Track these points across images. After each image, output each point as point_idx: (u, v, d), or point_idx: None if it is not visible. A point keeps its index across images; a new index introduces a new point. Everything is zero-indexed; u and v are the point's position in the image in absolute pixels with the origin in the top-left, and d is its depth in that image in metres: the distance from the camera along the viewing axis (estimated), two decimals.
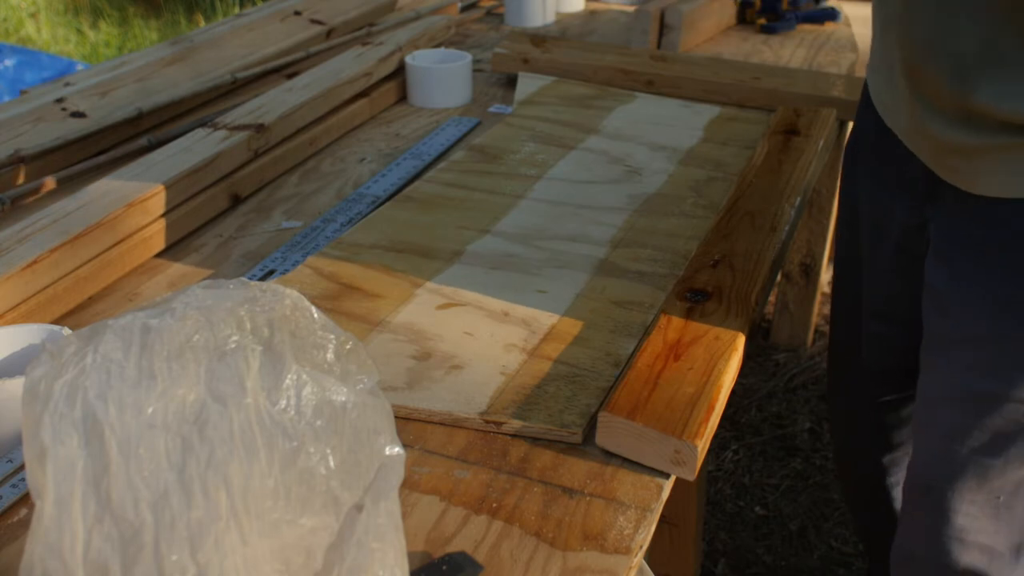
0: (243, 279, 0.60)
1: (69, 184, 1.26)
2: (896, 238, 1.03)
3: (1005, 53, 0.79)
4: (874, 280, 1.12)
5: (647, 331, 0.91)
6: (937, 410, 0.95)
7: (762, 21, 2.04)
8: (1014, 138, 0.81)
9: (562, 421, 0.80)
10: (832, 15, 2.09)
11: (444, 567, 0.66)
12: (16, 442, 0.78)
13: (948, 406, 0.94)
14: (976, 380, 0.90)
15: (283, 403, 0.54)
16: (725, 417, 2.07)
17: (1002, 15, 0.78)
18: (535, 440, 0.80)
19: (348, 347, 0.59)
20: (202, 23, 4.74)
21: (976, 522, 0.94)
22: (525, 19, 2.09)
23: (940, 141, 0.88)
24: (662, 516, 0.77)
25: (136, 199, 1.09)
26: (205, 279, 1.06)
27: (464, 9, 2.20)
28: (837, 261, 1.23)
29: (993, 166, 0.84)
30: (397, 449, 0.58)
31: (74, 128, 1.35)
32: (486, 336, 0.92)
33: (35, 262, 0.96)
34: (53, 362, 0.52)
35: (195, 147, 1.23)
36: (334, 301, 0.97)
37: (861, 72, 1.91)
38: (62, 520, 0.49)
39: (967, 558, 0.96)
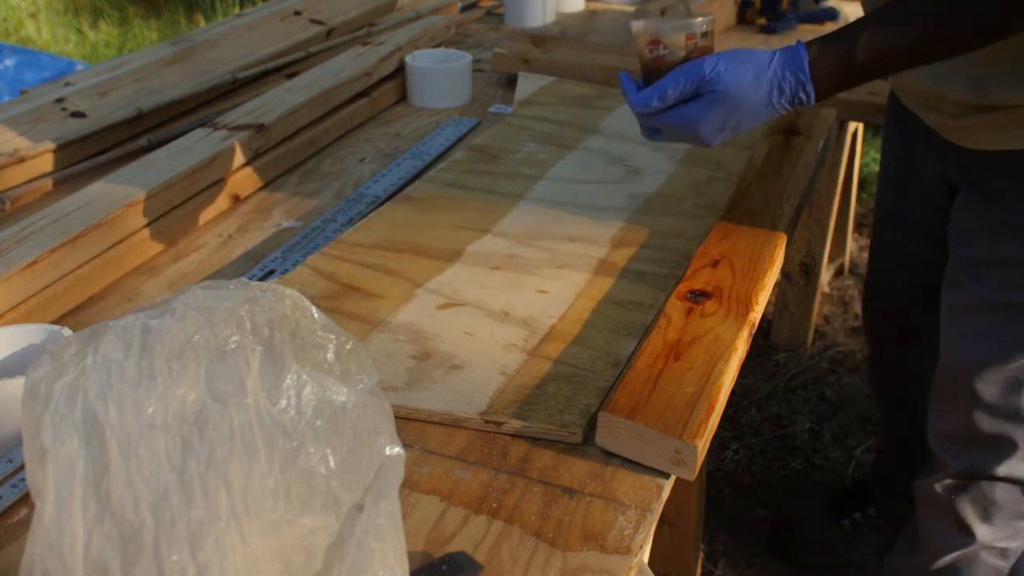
0: (243, 279, 0.60)
1: (69, 184, 1.26)
2: (927, 178, 1.24)
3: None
4: (912, 208, 1.33)
5: (647, 331, 0.91)
6: (962, 317, 1.16)
7: (762, 21, 2.04)
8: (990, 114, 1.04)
9: (562, 421, 0.80)
10: (832, 15, 2.09)
11: (444, 567, 0.66)
12: (16, 442, 0.78)
13: (974, 313, 1.13)
14: (1000, 293, 1.10)
15: (283, 403, 0.54)
16: (725, 417, 2.07)
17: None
18: (535, 440, 0.80)
19: (348, 347, 0.59)
20: (202, 23, 4.74)
21: (998, 396, 1.13)
22: (525, 19, 2.09)
23: (946, 122, 1.11)
24: (662, 516, 0.77)
25: (136, 199, 1.09)
26: (205, 279, 1.06)
27: (464, 9, 2.20)
28: (880, 195, 1.43)
29: (983, 134, 1.07)
30: (397, 449, 0.58)
31: (74, 128, 1.35)
32: (486, 336, 0.92)
33: (35, 262, 0.96)
34: (54, 363, 0.52)
35: (195, 147, 1.23)
36: (334, 301, 0.97)
37: None
38: (62, 520, 0.49)
39: (991, 426, 1.15)
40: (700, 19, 0.94)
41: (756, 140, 1.37)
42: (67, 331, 0.83)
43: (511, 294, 0.99)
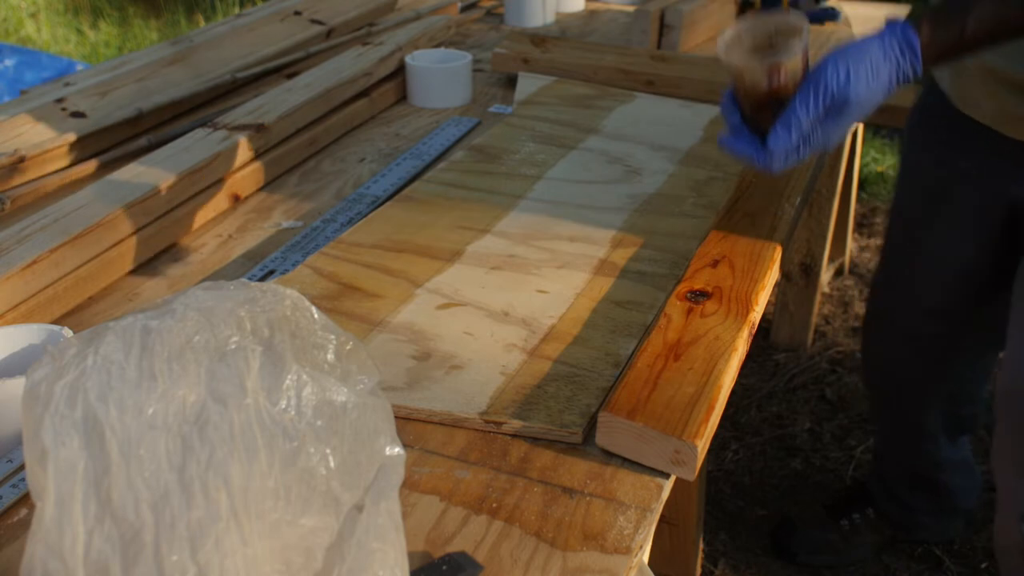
0: (243, 280, 0.60)
1: (69, 184, 1.26)
2: (965, 213, 1.25)
3: None
4: (937, 235, 1.31)
5: (647, 331, 0.91)
6: None
7: None
8: None
9: (562, 421, 0.80)
10: (832, 15, 2.09)
11: (444, 567, 0.66)
12: (16, 442, 0.78)
13: None
14: None
15: (283, 403, 0.54)
16: (725, 417, 2.07)
17: None
18: (535, 440, 0.80)
19: (348, 347, 0.59)
20: (202, 23, 4.74)
21: None
22: (525, 19, 2.09)
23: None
24: (662, 516, 0.77)
25: (136, 199, 1.09)
26: (205, 279, 1.06)
27: (464, 9, 2.20)
28: (895, 213, 1.43)
29: None
30: (397, 449, 0.58)
31: (74, 128, 1.35)
32: (486, 336, 0.92)
33: (35, 262, 0.96)
34: (54, 364, 0.52)
35: (195, 147, 1.23)
36: (334, 301, 0.97)
37: None
38: (63, 521, 0.49)
39: None
40: (802, 24, 0.84)
41: None
42: (67, 331, 0.83)
43: (511, 294, 0.99)
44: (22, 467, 0.76)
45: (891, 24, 0.87)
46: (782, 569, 1.73)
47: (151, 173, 1.15)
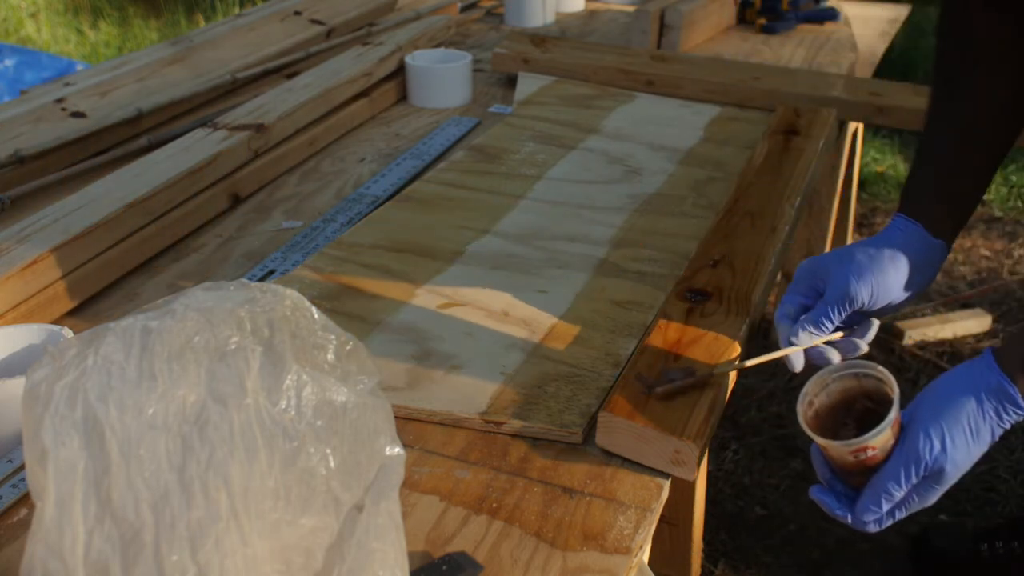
0: (243, 280, 0.60)
1: (69, 184, 1.26)
2: None
3: None
4: None
5: (647, 331, 0.91)
6: None
7: (762, 21, 2.04)
8: None
9: (562, 421, 0.80)
10: (832, 15, 2.09)
11: (444, 567, 0.66)
12: (16, 442, 0.78)
13: None
14: None
15: (283, 403, 0.54)
16: (725, 417, 2.07)
17: None
18: (535, 440, 0.80)
19: (348, 348, 0.59)
20: (202, 23, 4.74)
21: None
22: (525, 19, 2.09)
23: None
24: (662, 516, 0.77)
25: (136, 199, 1.09)
26: (205, 279, 1.06)
27: (464, 9, 2.20)
28: None
29: None
30: (397, 449, 0.58)
31: (74, 128, 1.35)
32: (486, 336, 0.92)
33: (35, 262, 0.96)
34: (54, 364, 0.52)
35: (195, 147, 1.23)
36: (334, 301, 0.97)
37: (861, 72, 1.91)
38: (63, 521, 0.49)
39: None
40: (893, 391, 0.74)
41: (756, 140, 1.37)
42: (67, 331, 0.83)
43: (511, 294, 0.99)
44: (22, 467, 0.76)
45: (981, 367, 0.76)
46: (782, 569, 1.73)
47: (151, 173, 1.15)
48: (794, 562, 1.74)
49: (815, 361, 0.84)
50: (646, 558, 0.80)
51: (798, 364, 0.84)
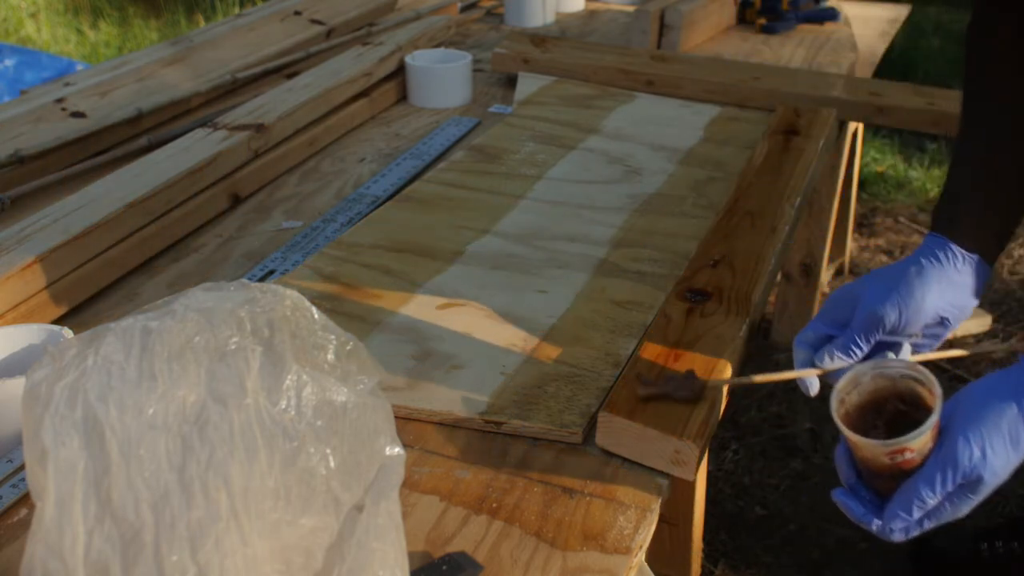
0: (243, 280, 0.60)
1: (69, 184, 1.26)
2: None
3: None
4: None
5: (647, 331, 0.91)
6: None
7: (762, 21, 2.04)
8: None
9: (562, 421, 0.80)
10: (832, 15, 2.09)
11: (444, 567, 0.66)
12: (16, 442, 0.78)
13: None
14: None
15: (283, 403, 0.54)
16: (725, 417, 2.07)
17: None
18: (535, 440, 0.80)
19: (348, 348, 0.59)
20: (202, 23, 4.74)
21: None
22: (525, 19, 2.09)
23: None
24: (662, 516, 0.77)
25: (136, 199, 1.09)
26: (205, 279, 1.06)
27: (464, 9, 2.20)
28: None
29: None
30: (397, 449, 0.58)
31: (74, 128, 1.35)
32: (486, 336, 0.92)
33: (35, 262, 0.96)
34: (54, 364, 0.52)
35: (195, 147, 1.23)
36: (334, 301, 0.97)
37: (861, 72, 1.91)
38: (63, 521, 0.49)
39: None
40: (936, 394, 0.71)
41: (756, 140, 1.37)
42: (67, 331, 0.83)
43: (511, 294, 0.99)
44: (22, 467, 0.76)
45: (1021, 373, 0.74)
46: (782, 569, 1.73)
47: (151, 173, 1.15)
48: (794, 562, 1.74)
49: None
50: (646, 558, 0.80)
51: (813, 388, 0.82)
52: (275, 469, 0.52)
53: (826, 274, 2.50)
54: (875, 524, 0.74)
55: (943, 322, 0.82)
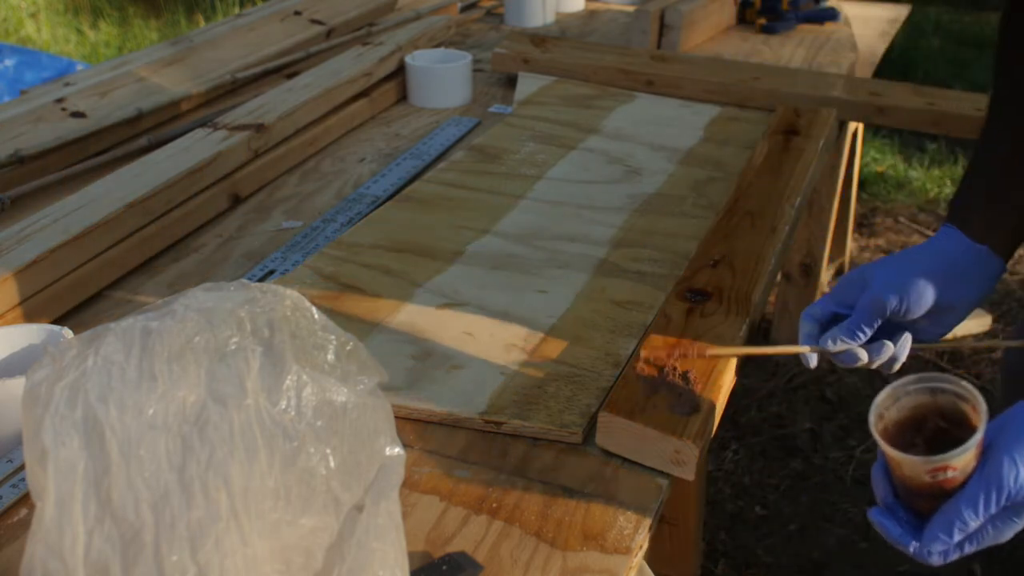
0: (243, 280, 0.60)
1: (69, 184, 1.26)
2: None
3: None
4: None
5: (647, 331, 0.91)
6: None
7: (762, 21, 2.04)
8: None
9: (562, 421, 0.80)
10: (832, 15, 2.09)
11: (444, 567, 0.66)
12: (16, 442, 0.78)
13: None
14: None
15: (283, 404, 0.54)
16: (725, 417, 2.07)
17: None
18: (535, 440, 0.80)
19: (348, 348, 0.59)
20: (202, 23, 4.74)
21: None
22: (525, 19, 2.09)
23: None
24: (662, 516, 0.77)
25: (136, 199, 1.09)
26: (205, 279, 1.06)
27: (464, 9, 2.20)
28: None
29: None
30: (397, 449, 0.58)
31: (74, 128, 1.35)
32: (486, 336, 0.92)
33: (35, 262, 0.96)
34: (54, 365, 0.52)
35: (195, 147, 1.23)
36: (334, 301, 0.97)
37: (861, 72, 1.91)
38: (63, 521, 0.49)
39: None
40: (981, 410, 0.68)
41: (756, 140, 1.37)
42: (67, 331, 0.83)
43: (511, 294, 0.99)
44: (22, 467, 0.76)
45: None
46: (782, 569, 1.73)
47: (151, 173, 1.15)
48: (794, 562, 1.74)
49: (844, 363, 0.82)
50: (646, 558, 0.80)
51: (812, 362, 0.83)
52: (275, 469, 0.52)
53: (826, 274, 2.50)
54: (913, 546, 0.71)
55: (948, 311, 0.82)
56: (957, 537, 0.69)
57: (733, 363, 0.85)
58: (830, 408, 2.13)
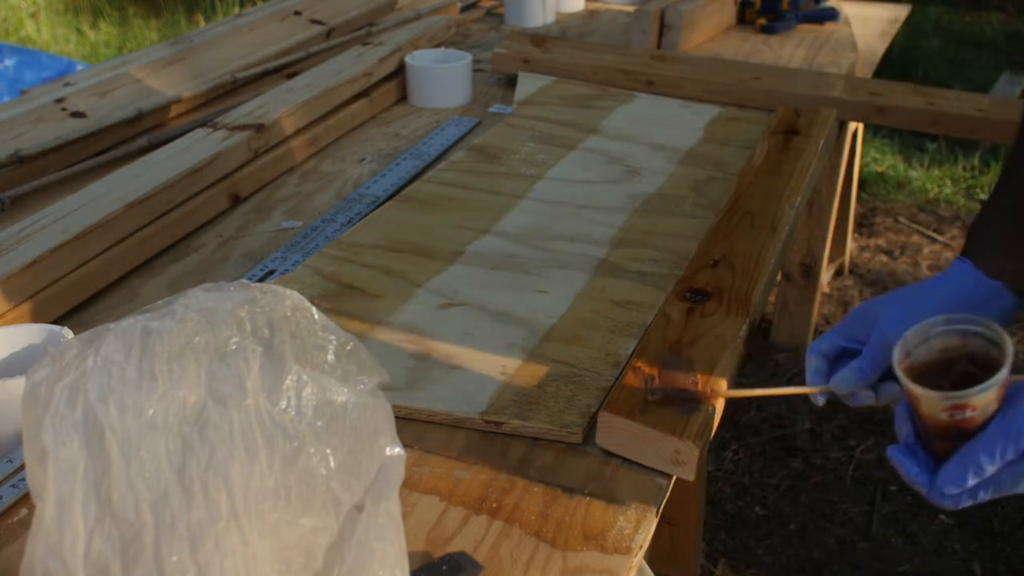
0: (243, 281, 0.60)
1: (69, 184, 1.26)
2: None
3: None
4: None
5: (647, 331, 0.91)
6: None
7: (762, 21, 2.04)
8: None
9: (562, 421, 0.80)
10: (832, 15, 2.09)
11: (444, 567, 0.66)
12: (16, 442, 0.78)
13: None
14: None
15: (283, 404, 0.54)
16: (725, 417, 2.06)
17: None
18: (535, 440, 0.80)
19: (349, 348, 0.59)
20: (202, 23, 4.74)
21: None
22: (525, 19, 2.09)
23: None
24: (662, 516, 0.77)
25: (136, 199, 1.09)
26: (205, 279, 1.06)
27: (464, 9, 2.20)
28: None
29: None
30: (397, 449, 0.58)
31: (74, 128, 1.35)
32: (486, 336, 0.92)
33: (35, 262, 0.96)
34: (54, 365, 0.52)
35: (195, 147, 1.23)
36: (334, 301, 0.97)
37: (861, 72, 1.92)
38: (63, 521, 0.49)
39: None
40: (1006, 350, 0.66)
41: (756, 140, 1.37)
42: (67, 331, 0.83)
43: (511, 294, 0.99)
44: (22, 467, 0.76)
45: None
46: (782, 569, 1.73)
47: (151, 173, 1.15)
48: (794, 562, 1.74)
49: (854, 403, 0.80)
50: (646, 558, 0.80)
51: (821, 401, 0.81)
52: (275, 469, 0.52)
53: (826, 274, 2.50)
54: (927, 486, 0.70)
55: None
56: (971, 481, 0.67)
57: (734, 361, 0.85)
58: (830, 408, 2.13)
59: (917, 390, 0.67)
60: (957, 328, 0.69)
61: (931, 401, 0.67)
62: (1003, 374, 0.65)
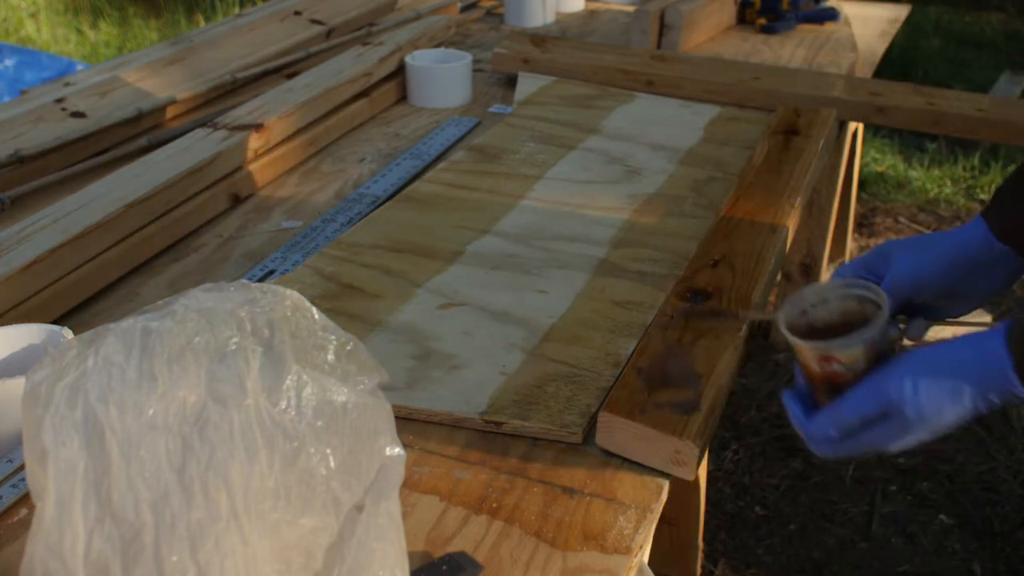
0: (243, 281, 0.60)
1: (69, 184, 1.26)
2: None
3: None
4: None
5: (647, 331, 0.91)
6: None
7: (762, 21, 2.04)
8: None
9: (562, 421, 0.80)
10: (832, 15, 2.09)
11: (444, 567, 0.66)
12: (16, 442, 0.78)
13: None
14: None
15: (283, 404, 0.54)
16: (725, 417, 2.07)
17: None
18: (535, 440, 0.80)
19: (349, 348, 0.59)
20: (202, 23, 4.74)
21: None
22: (525, 19, 2.09)
23: None
24: (662, 516, 0.77)
25: (136, 199, 1.09)
26: (205, 279, 1.06)
27: (464, 9, 2.20)
28: None
29: None
30: (397, 449, 0.58)
31: (74, 128, 1.35)
32: (486, 336, 0.92)
33: (35, 262, 0.96)
34: (54, 365, 0.52)
35: (195, 147, 1.23)
36: (334, 301, 0.97)
37: (861, 72, 1.91)
38: (63, 521, 0.49)
39: None
40: (878, 312, 0.71)
41: (756, 140, 1.37)
42: (67, 331, 0.83)
43: (511, 294, 0.99)
44: (22, 467, 0.76)
45: (992, 341, 0.69)
46: (782, 569, 1.73)
47: (151, 173, 1.15)
48: (794, 562, 1.74)
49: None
50: (646, 558, 0.80)
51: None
52: (275, 469, 0.52)
53: (826, 274, 2.50)
54: (803, 430, 0.75)
55: (964, 299, 0.84)
56: (834, 432, 0.72)
57: (734, 361, 0.85)
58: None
59: (795, 340, 0.71)
60: (853, 293, 0.74)
61: (803, 351, 0.71)
62: (868, 334, 0.69)
